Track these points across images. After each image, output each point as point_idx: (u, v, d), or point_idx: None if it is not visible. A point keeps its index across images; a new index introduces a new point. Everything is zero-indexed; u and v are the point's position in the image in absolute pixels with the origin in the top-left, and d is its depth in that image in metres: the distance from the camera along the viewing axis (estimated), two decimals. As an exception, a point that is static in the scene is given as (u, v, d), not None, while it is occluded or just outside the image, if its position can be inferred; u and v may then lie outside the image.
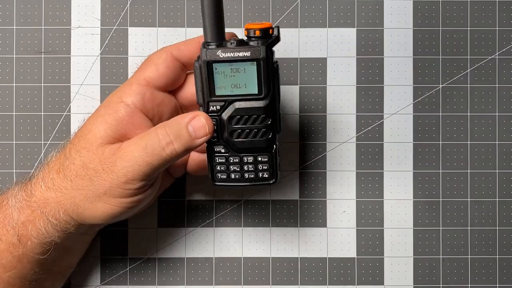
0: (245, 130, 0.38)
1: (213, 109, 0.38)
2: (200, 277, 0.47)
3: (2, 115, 0.47)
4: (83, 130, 0.39)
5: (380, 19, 0.48)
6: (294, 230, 0.48)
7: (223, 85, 0.37)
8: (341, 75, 0.48)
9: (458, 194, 0.48)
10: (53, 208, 0.39)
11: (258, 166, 0.39)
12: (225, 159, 0.39)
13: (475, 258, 0.48)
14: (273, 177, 0.40)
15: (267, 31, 0.37)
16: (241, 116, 0.38)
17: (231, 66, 0.37)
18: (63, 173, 0.39)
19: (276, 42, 0.38)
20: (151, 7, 0.48)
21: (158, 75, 0.39)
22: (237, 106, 0.38)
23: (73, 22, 0.47)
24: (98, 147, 0.38)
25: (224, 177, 0.40)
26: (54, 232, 0.39)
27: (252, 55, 0.36)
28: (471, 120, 0.48)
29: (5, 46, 0.47)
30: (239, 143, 0.38)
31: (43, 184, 0.39)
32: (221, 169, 0.39)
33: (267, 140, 0.39)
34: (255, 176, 0.39)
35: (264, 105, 0.38)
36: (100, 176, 0.38)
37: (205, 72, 0.37)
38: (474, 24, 0.48)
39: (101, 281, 0.47)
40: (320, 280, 0.47)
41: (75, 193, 0.38)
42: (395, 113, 0.48)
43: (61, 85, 0.47)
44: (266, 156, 0.39)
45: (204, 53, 0.37)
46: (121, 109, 0.39)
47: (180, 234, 0.47)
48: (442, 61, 0.48)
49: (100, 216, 0.39)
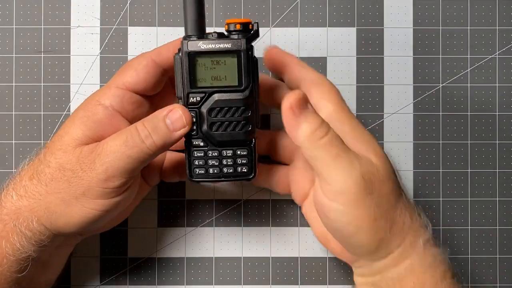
0: (225, 122, 0.38)
1: (193, 101, 0.38)
2: (200, 277, 0.47)
3: (1, 114, 0.47)
4: (60, 132, 0.39)
5: (380, 18, 0.48)
6: (294, 230, 0.47)
7: (203, 77, 0.38)
8: (341, 74, 0.48)
9: (458, 194, 0.48)
10: (26, 218, 0.37)
11: (237, 160, 0.39)
12: (203, 153, 0.39)
13: (475, 257, 0.47)
14: (251, 172, 0.40)
15: (247, 26, 0.38)
16: (221, 108, 0.38)
17: (211, 58, 0.38)
18: (37, 178, 0.37)
19: (255, 36, 0.39)
20: (150, 6, 0.47)
21: (137, 80, 0.39)
22: (217, 98, 0.38)
23: (72, 21, 0.47)
24: (75, 148, 0.37)
25: (202, 172, 0.39)
26: (29, 246, 0.38)
27: (233, 47, 0.37)
28: (471, 120, 0.48)
29: (4, 45, 0.47)
30: (219, 135, 0.39)
31: (14, 194, 0.38)
32: (199, 164, 0.39)
33: (247, 132, 0.39)
34: (233, 170, 0.39)
35: (243, 97, 0.38)
36: (78, 176, 0.37)
37: (186, 63, 0.38)
38: (474, 23, 0.48)
39: (100, 281, 0.47)
40: (320, 279, 0.47)
41: (50, 198, 0.37)
42: (395, 113, 0.48)
43: (60, 84, 0.47)
44: (245, 150, 0.39)
45: (185, 44, 0.37)
46: (99, 111, 0.38)
47: (180, 234, 0.47)
48: (442, 61, 0.48)
49: (76, 222, 0.38)
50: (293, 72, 0.41)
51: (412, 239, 0.37)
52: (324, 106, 0.39)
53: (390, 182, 0.37)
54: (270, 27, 0.48)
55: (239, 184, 0.47)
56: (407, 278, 0.37)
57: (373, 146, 0.38)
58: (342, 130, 0.38)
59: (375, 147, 0.38)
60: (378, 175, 0.36)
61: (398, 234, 0.36)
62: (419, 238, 0.37)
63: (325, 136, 0.36)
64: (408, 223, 0.37)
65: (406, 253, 0.37)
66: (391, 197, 0.36)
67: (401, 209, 0.37)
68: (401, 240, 0.37)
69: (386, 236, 0.36)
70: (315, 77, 0.40)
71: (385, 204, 0.36)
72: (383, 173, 0.36)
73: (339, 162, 0.36)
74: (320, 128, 0.36)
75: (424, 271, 0.37)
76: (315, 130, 0.36)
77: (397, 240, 0.37)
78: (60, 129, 0.39)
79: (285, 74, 0.42)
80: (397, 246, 0.37)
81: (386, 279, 0.37)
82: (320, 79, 0.40)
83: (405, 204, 0.38)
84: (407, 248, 0.37)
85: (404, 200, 0.38)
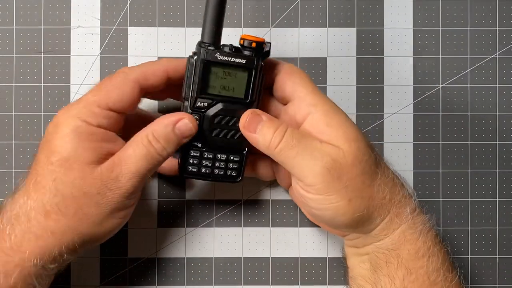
0: (225, 129, 0.41)
1: (200, 105, 0.40)
2: (200, 277, 0.47)
3: (1, 114, 0.47)
4: (63, 165, 0.37)
5: (380, 18, 0.48)
6: (294, 230, 0.47)
7: (213, 85, 0.40)
8: (341, 74, 0.48)
9: (458, 194, 0.48)
10: (51, 252, 0.37)
11: (229, 165, 0.42)
12: (199, 153, 0.41)
13: (475, 258, 0.48)
14: (239, 176, 0.43)
15: (261, 45, 0.40)
16: (224, 116, 0.41)
17: (224, 69, 0.40)
18: (56, 214, 0.37)
19: (267, 56, 0.41)
20: (151, 6, 0.47)
21: (122, 104, 0.39)
22: (222, 106, 0.40)
23: (73, 21, 0.47)
24: (93, 171, 0.38)
25: (194, 170, 0.42)
26: (47, 279, 0.39)
27: (246, 64, 0.40)
28: (471, 120, 0.48)
29: (5, 45, 0.47)
30: (217, 140, 0.41)
31: (31, 235, 0.37)
32: (194, 162, 0.42)
33: (242, 142, 0.41)
34: (223, 173, 0.42)
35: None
36: (107, 196, 0.38)
37: (201, 69, 0.39)
38: (474, 23, 0.48)
39: (100, 282, 0.47)
40: (320, 280, 0.47)
41: (79, 225, 0.37)
42: (395, 113, 0.48)
43: (60, 84, 0.47)
44: (238, 157, 0.42)
45: (203, 52, 0.39)
46: (96, 131, 0.38)
47: (180, 234, 0.47)
48: (442, 61, 0.48)
49: (106, 236, 0.40)
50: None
51: (397, 211, 0.39)
52: (299, 92, 0.40)
53: (360, 164, 0.38)
54: (270, 27, 0.48)
55: (239, 185, 0.47)
56: (401, 246, 0.39)
57: (343, 129, 0.39)
58: (316, 116, 0.39)
59: (345, 130, 0.39)
60: (345, 160, 0.38)
61: (380, 208, 0.39)
62: (405, 208, 0.40)
63: (280, 143, 0.38)
64: (388, 197, 0.39)
65: (394, 224, 0.39)
66: (363, 177, 0.38)
67: (379, 185, 0.39)
68: (386, 213, 0.39)
69: (364, 213, 0.39)
70: (287, 67, 0.41)
71: (358, 185, 0.38)
72: (351, 158, 0.38)
73: (300, 160, 0.38)
74: (275, 137, 0.39)
75: (417, 238, 0.39)
76: (270, 140, 0.39)
77: (380, 214, 0.39)
78: (55, 164, 0.37)
79: None
80: (381, 219, 0.39)
81: (382, 249, 0.40)
82: (290, 68, 0.41)
83: (384, 180, 0.39)
84: (394, 219, 0.39)
85: (382, 176, 0.40)
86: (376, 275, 0.40)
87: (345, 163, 0.38)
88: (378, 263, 0.40)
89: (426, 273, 0.39)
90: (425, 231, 0.40)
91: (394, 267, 0.39)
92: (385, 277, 0.39)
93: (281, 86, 0.41)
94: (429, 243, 0.39)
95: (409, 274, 0.39)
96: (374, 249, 0.40)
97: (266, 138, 0.39)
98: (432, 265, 0.39)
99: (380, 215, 0.39)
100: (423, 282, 0.39)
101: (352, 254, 0.43)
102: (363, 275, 0.41)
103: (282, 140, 0.38)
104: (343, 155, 0.38)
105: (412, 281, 0.39)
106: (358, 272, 0.42)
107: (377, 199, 0.39)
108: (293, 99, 0.41)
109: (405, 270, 0.39)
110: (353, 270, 0.43)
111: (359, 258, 0.42)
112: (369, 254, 0.41)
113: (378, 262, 0.40)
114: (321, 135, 0.39)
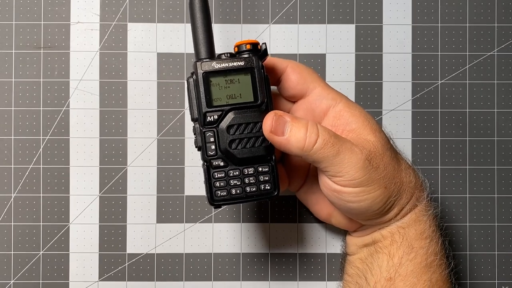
0: (244, 138, 0.38)
1: (210, 120, 0.38)
2: (198, 273, 0.47)
3: (1, 110, 0.47)
4: None
5: (379, 15, 0.48)
6: (292, 226, 0.48)
7: (218, 96, 0.38)
8: (340, 71, 0.48)
9: (456, 190, 0.48)
10: None
11: (260, 178, 0.39)
12: (224, 173, 0.39)
13: (473, 254, 0.48)
14: (275, 188, 0.39)
15: (256, 46, 0.39)
16: (239, 124, 0.38)
17: (225, 77, 0.38)
18: None
19: (265, 55, 0.39)
20: (150, 2, 0.48)
21: None
22: (233, 115, 0.38)
23: (72, 17, 0.47)
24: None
25: (224, 194, 0.39)
26: None
27: (246, 64, 0.38)
28: (469, 117, 0.48)
29: (4, 41, 0.47)
30: (239, 152, 0.38)
31: None
32: (220, 185, 0.39)
33: (266, 147, 0.39)
34: (256, 189, 0.39)
35: (260, 112, 0.38)
36: None
37: (202, 83, 0.38)
38: (473, 20, 0.48)
39: (99, 277, 0.47)
40: (319, 275, 0.47)
41: None
42: (393, 109, 0.48)
43: (60, 80, 0.47)
44: (267, 166, 0.39)
45: (199, 65, 0.38)
46: None
47: (179, 229, 0.47)
48: (441, 57, 0.48)
49: None
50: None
51: (419, 194, 0.41)
52: (314, 88, 0.41)
53: (388, 151, 0.40)
54: (269, 23, 0.48)
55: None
56: (410, 226, 0.41)
57: (367, 120, 0.40)
58: (339, 108, 0.40)
59: (369, 121, 0.40)
60: (377, 150, 0.39)
61: (406, 192, 0.40)
62: (424, 192, 0.41)
63: (317, 140, 0.37)
64: (414, 181, 0.41)
65: (413, 206, 0.41)
66: (393, 163, 0.40)
67: (406, 169, 0.41)
68: (410, 196, 0.41)
69: (397, 197, 0.40)
70: (291, 64, 0.41)
71: (390, 171, 0.39)
72: (381, 147, 0.39)
73: (342, 157, 0.37)
74: (308, 136, 0.37)
75: (425, 221, 0.41)
76: (304, 140, 0.37)
77: (407, 197, 0.40)
78: None
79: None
80: (406, 202, 0.41)
81: (390, 227, 0.41)
82: (296, 65, 0.41)
83: (406, 165, 0.41)
84: (414, 202, 0.41)
85: (403, 162, 0.41)
86: (376, 255, 0.41)
87: (378, 153, 0.39)
88: (382, 242, 0.41)
89: (425, 253, 0.40)
90: (432, 216, 0.41)
91: (397, 245, 0.40)
92: (384, 255, 0.40)
93: (291, 84, 0.41)
94: (433, 227, 0.41)
95: (410, 251, 0.40)
96: (382, 230, 0.41)
97: (299, 139, 0.37)
98: (432, 247, 0.40)
99: (406, 199, 0.40)
100: (420, 263, 0.40)
101: (355, 241, 0.43)
102: (361, 258, 0.42)
103: (318, 138, 0.37)
104: (374, 145, 0.39)
105: (410, 260, 0.40)
106: (358, 256, 0.43)
107: (405, 183, 0.40)
108: (307, 95, 0.41)
109: (407, 247, 0.40)
110: (353, 256, 0.43)
111: (361, 243, 0.43)
112: (373, 237, 0.42)
113: (382, 241, 0.41)
114: (348, 126, 0.40)
